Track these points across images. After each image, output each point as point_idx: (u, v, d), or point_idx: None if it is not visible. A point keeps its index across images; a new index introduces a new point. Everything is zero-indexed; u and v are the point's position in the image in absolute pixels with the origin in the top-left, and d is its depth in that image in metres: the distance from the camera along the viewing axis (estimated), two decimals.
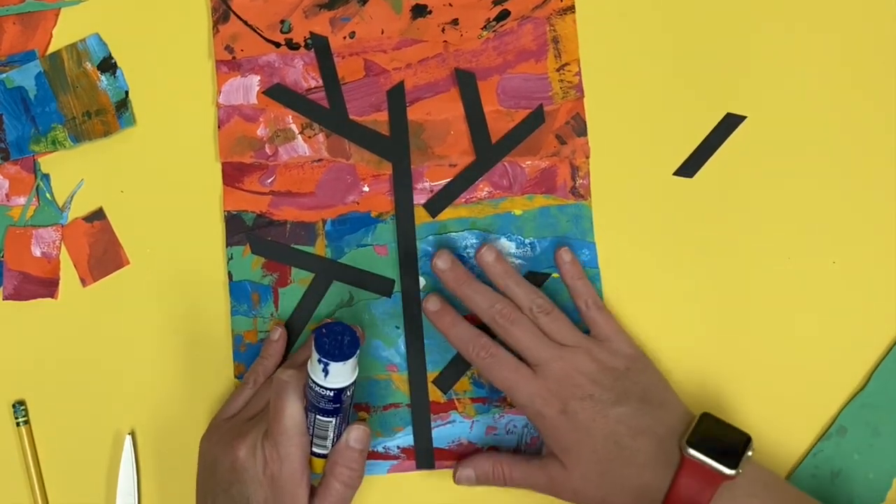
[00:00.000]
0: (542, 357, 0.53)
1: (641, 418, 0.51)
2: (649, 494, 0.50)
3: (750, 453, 0.50)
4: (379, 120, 0.59)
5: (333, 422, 0.49)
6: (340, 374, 0.48)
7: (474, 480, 0.55)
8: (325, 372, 0.48)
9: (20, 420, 0.57)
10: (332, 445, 0.51)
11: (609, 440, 0.51)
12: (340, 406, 0.49)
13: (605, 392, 0.52)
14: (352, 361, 0.48)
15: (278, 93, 0.59)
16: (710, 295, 0.58)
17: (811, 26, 0.60)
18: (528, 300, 0.54)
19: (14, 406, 0.57)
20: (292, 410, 0.49)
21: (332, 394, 0.48)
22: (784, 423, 0.57)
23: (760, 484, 0.51)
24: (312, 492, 0.50)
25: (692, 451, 0.49)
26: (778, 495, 0.51)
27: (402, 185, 0.58)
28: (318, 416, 0.49)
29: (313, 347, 0.48)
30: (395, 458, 0.57)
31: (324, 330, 0.48)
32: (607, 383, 0.52)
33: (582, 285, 0.56)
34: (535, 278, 0.58)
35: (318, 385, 0.48)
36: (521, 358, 0.53)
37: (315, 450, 0.50)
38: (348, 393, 0.49)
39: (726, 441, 0.50)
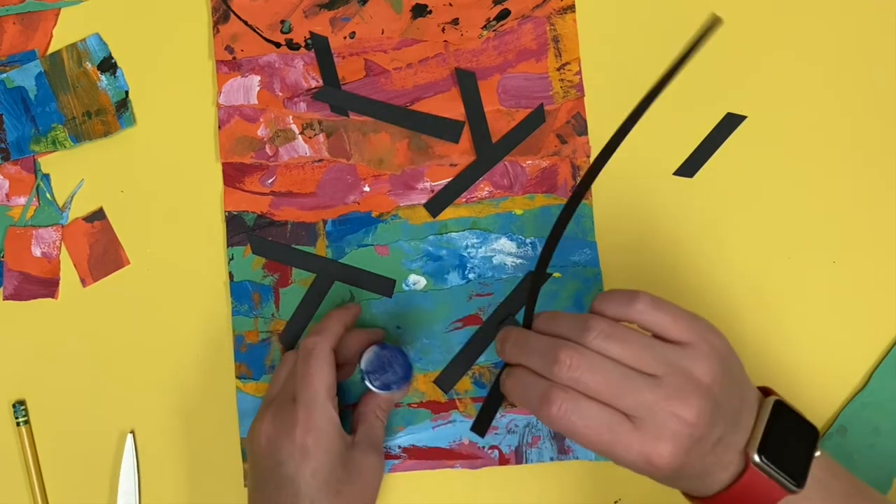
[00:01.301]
0: (633, 402, 0.42)
1: (733, 433, 0.43)
2: (696, 491, 0.44)
3: (818, 453, 0.44)
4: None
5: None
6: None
7: None
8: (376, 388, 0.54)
9: (20, 420, 0.57)
10: None
11: (698, 463, 0.43)
12: None
13: (707, 428, 0.42)
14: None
15: (327, 95, 0.59)
16: (711, 294, 0.58)
17: (811, 26, 0.60)
18: (581, 326, 0.43)
19: (14, 406, 0.57)
20: (321, 376, 0.50)
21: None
22: None
23: (817, 488, 0.44)
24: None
25: (759, 460, 0.43)
26: (834, 499, 0.45)
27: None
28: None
29: (367, 374, 0.54)
30: (397, 457, 0.57)
31: (377, 355, 0.54)
32: (707, 416, 0.42)
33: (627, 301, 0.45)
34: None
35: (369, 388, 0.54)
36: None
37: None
38: None
39: (795, 442, 0.44)
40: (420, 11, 0.60)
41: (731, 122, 0.59)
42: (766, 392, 0.47)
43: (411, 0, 0.60)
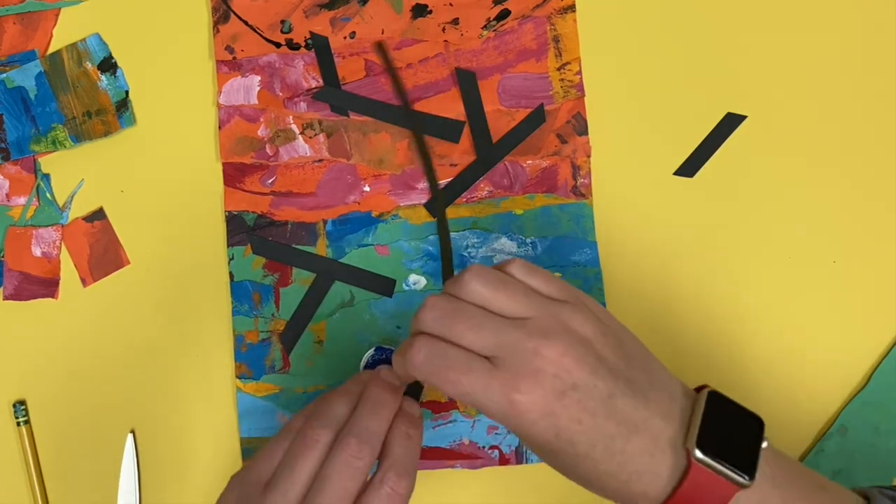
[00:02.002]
0: (497, 342, 0.40)
1: (636, 411, 0.40)
2: (643, 499, 0.41)
3: (765, 444, 0.41)
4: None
5: None
6: None
7: None
8: None
9: (20, 420, 0.57)
10: None
11: (597, 445, 0.40)
12: None
13: (590, 379, 0.40)
14: None
15: (328, 95, 0.59)
16: (711, 294, 0.58)
17: (811, 26, 0.60)
18: (460, 277, 0.42)
19: (14, 406, 0.57)
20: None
21: None
22: (785, 421, 0.57)
23: (770, 484, 0.41)
24: None
25: (701, 456, 0.39)
26: (792, 494, 0.41)
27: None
28: None
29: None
30: None
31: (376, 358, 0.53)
32: (589, 367, 0.40)
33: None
34: None
35: None
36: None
37: None
38: None
39: (738, 433, 0.41)
40: (420, 11, 0.60)
41: (731, 122, 0.59)
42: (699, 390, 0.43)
43: (411, 0, 0.60)
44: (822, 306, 0.58)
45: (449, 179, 0.59)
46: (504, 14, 0.60)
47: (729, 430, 0.41)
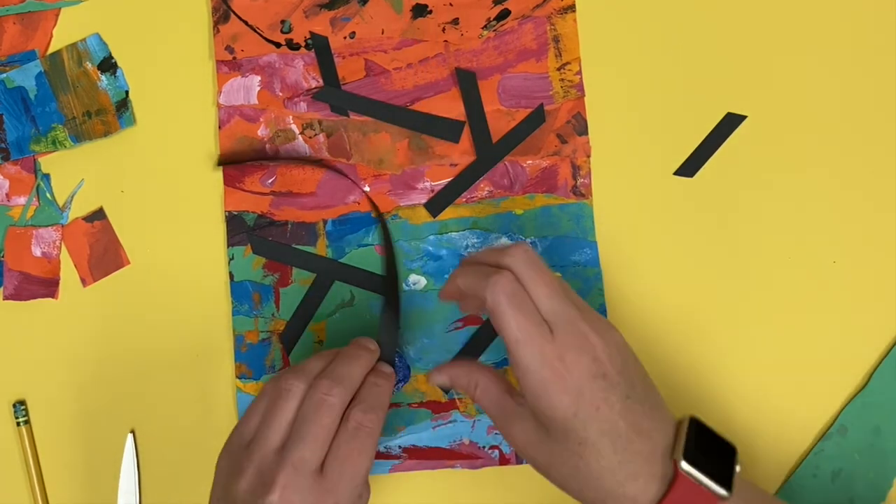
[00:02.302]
0: (561, 313, 0.45)
1: (643, 418, 0.44)
2: None
3: (738, 468, 0.45)
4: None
5: None
6: None
7: (448, 386, 0.51)
8: None
9: (20, 420, 0.57)
10: None
11: (606, 436, 0.43)
12: None
13: (617, 376, 0.44)
14: None
15: (328, 95, 0.59)
16: (711, 294, 0.58)
17: (811, 26, 0.60)
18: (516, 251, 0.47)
19: (14, 406, 0.57)
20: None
21: None
22: (785, 422, 0.57)
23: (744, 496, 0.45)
24: None
25: (687, 467, 0.43)
26: None
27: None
28: None
29: None
30: (397, 457, 0.57)
31: None
32: (618, 365, 0.45)
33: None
34: None
35: None
36: None
37: None
38: None
39: (716, 454, 0.45)
40: (420, 11, 0.60)
41: (731, 122, 0.59)
42: None
43: (411, 0, 0.60)
44: (822, 306, 0.58)
45: (449, 179, 0.59)
46: (504, 14, 0.60)
47: (708, 451, 0.44)
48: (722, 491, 0.43)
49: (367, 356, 0.50)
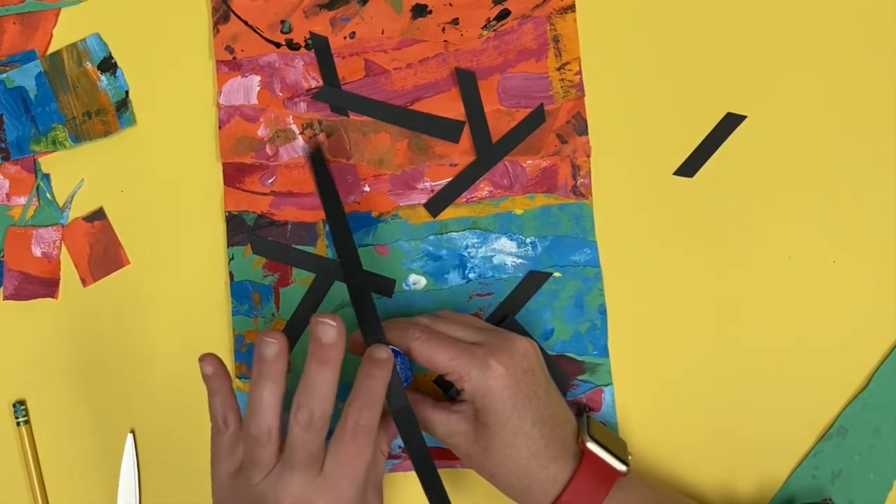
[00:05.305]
0: (482, 330, 0.52)
1: (559, 409, 0.51)
2: (545, 487, 0.50)
3: (630, 457, 0.52)
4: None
5: None
6: None
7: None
8: None
9: (20, 420, 0.57)
10: None
11: (536, 425, 0.50)
12: None
13: (540, 371, 0.51)
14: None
15: (327, 95, 0.59)
16: (711, 294, 0.58)
17: (811, 26, 0.60)
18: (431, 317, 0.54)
19: (14, 406, 0.57)
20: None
21: None
22: (785, 422, 0.57)
23: (640, 481, 0.52)
24: None
25: (593, 446, 0.50)
26: (660, 496, 0.52)
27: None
28: None
29: None
30: (397, 457, 0.57)
31: None
32: (539, 363, 0.52)
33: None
34: (537, 278, 0.58)
35: None
36: None
37: None
38: None
39: (612, 439, 0.52)
40: (420, 11, 0.60)
41: (731, 122, 0.59)
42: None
43: (411, 0, 0.60)
44: (822, 306, 0.58)
45: (449, 179, 0.59)
46: (504, 14, 0.60)
47: (606, 434, 0.52)
48: (621, 466, 0.50)
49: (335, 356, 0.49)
